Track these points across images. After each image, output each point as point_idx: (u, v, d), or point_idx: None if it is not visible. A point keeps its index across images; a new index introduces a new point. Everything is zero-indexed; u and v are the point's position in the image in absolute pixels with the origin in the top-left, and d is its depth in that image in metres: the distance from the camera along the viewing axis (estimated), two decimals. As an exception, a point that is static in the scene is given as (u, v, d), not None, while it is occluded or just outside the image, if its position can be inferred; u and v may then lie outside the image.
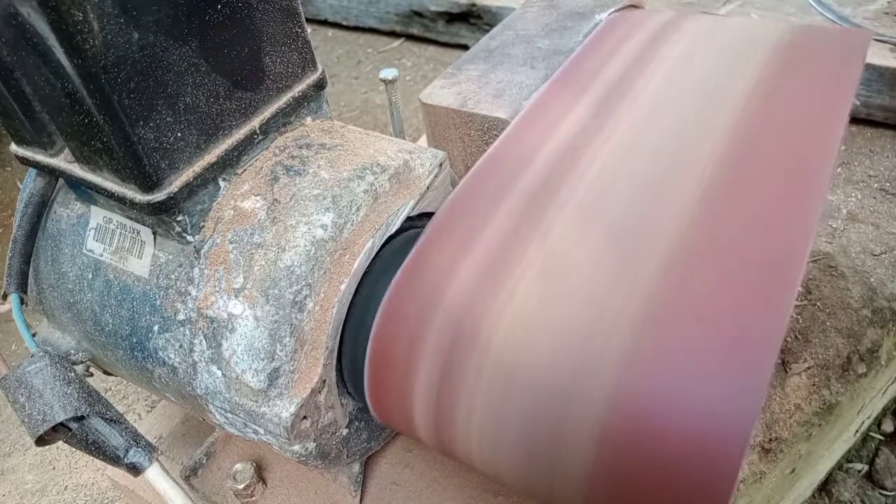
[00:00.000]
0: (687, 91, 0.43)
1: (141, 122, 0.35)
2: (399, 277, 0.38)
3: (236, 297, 0.38)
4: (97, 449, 0.41)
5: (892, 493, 0.68)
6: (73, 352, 0.48)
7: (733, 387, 0.28)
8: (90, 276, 0.44)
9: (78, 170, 0.40)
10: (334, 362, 0.40)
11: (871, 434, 0.72)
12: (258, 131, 0.41)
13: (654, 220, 0.35)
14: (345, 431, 0.44)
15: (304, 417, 0.39)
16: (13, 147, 0.43)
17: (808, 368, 0.49)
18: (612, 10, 0.55)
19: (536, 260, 0.35)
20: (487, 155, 0.43)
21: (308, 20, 0.43)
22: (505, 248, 0.36)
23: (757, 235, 0.33)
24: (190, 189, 0.39)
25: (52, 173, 0.43)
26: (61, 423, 0.40)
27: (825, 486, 0.68)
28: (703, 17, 0.50)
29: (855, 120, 0.85)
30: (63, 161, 0.41)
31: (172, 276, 0.41)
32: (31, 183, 0.46)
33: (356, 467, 0.49)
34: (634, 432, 0.29)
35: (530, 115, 0.46)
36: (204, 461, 0.55)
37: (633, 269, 0.33)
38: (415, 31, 1.33)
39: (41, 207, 0.46)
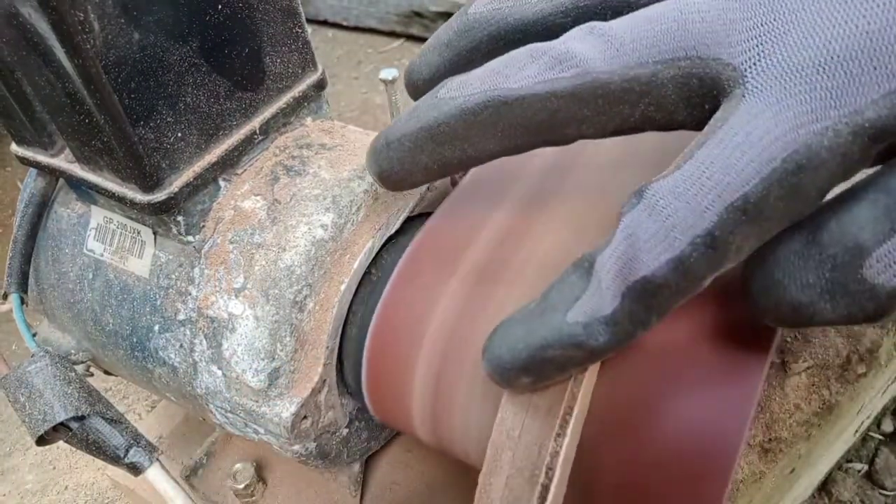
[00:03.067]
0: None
1: (141, 123, 0.35)
2: (396, 277, 0.38)
3: (236, 296, 0.38)
4: (98, 448, 0.41)
5: (892, 493, 0.68)
6: (73, 352, 0.48)
7: (726, 390, 0.28)
8: (91, 275, 0.44)
9: (78, 170, 0.40)
10: (335, 362, 0.40)
11: (871, 434, 0.72)
12: (258, 131, 0.42)
13: None
14: (345, 431, 0.44)
15: (305, 417, 0.39)
16: (13, 147, 0.43)
17: (808, 368, 0.49)
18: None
19: (518, 276, 0.34)
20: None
21: (308, 20, 0.43)
22: (494, 254, 0.36)
23: None
24: (190, 189, 0.39)
25: (52, 173, 0.43)
26: (62, 423, 0.40)
27: (825, 486, 0.68)
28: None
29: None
30: (63, 161, 0.41)
31: (173, 276, 0.41)
32: (31, 183, 0.46)
33: (356, 467, 0.49)
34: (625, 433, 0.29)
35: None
36: (204, 461, 0.56)
37: None
38: (415, 31, 1.33)
39: (42, 207, 0.46)
